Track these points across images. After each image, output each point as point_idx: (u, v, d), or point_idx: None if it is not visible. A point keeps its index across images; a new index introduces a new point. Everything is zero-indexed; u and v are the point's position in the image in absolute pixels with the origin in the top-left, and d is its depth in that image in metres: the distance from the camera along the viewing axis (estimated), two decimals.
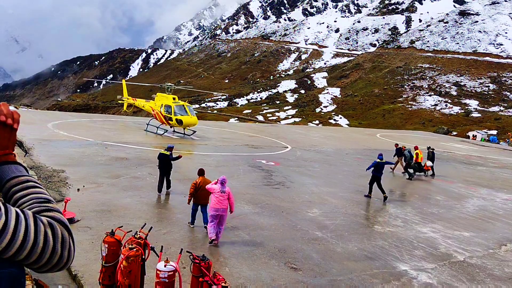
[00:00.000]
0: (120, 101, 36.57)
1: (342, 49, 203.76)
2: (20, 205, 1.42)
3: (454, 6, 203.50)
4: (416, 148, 22.33)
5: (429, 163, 22.26)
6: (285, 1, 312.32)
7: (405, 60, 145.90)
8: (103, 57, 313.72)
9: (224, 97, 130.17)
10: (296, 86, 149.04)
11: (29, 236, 1.28)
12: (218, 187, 9.63)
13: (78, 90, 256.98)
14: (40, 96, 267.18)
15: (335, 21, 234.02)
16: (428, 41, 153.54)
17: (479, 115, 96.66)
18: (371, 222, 12.42)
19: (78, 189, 12.21)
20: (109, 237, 6.62)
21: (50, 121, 27.73)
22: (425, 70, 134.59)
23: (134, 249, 6.27)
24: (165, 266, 6.04)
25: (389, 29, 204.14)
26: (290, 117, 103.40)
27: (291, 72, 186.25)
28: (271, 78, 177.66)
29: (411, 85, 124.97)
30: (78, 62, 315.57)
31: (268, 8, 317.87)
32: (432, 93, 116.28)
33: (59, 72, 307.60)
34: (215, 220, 9.29)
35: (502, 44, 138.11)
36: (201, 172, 11.04)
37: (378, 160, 15.88)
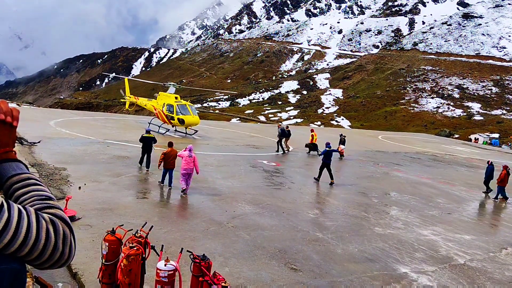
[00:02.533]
0: (122, 100, 36.62)
1: (345, 50, 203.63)
2: (22, 202, 1.42)
3: (458, 8, 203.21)
4: (312, 130, 27.80)
5: (342, 146, 25.63)
6: (289, 2, 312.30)
7: (407, 62, 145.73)
8: (106, 56, 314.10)
9: (227, 97, 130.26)
10: (298, 86, 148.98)
11: (31, 232, 1.29)
12: (186, 153, 13.17)
13: (81, 88, 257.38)
14: (42, 94, 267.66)
15: (338, 22, 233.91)
16: (431, 44, 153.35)
17: (482, 118, 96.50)
18: (372, 224, 12.40)
19: (80, 187, 12.23)
20: (109, 236, 6.62)
21: (53, 118, 27.78)
22: (428, 72, 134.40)
23: (135, 248, 6.27)
24: (165, 265, 6.04)
25: (392, 31, 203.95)
26: (292, 117, 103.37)
27: (293, 72, 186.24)
28: (274, 78, 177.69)
29: (414, 87, 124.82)
30: (81, 60, 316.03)
31: (271, 9, 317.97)
32: (435, 96, 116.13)
33: (62, 70, 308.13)
34: (184, 177, 12.99)
35: (505, 47, 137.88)
36: (170, 144, 14.27)
37: (327, 149, 18.10)
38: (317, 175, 17.72)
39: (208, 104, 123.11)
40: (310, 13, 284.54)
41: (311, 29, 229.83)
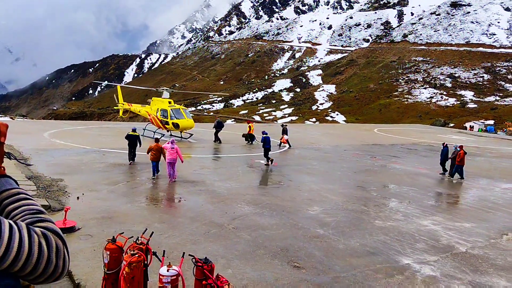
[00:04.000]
0: (115, 107, 36.51)
1: (335, 45, 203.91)
2: (13, 217, 1.41)
3: None
4: (248, 122, 30.70)
5: (286, 137, 26.80)
6: (277, 0, 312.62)
7: (398, 54, 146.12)
8: (97, 64, 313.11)
9: (220, 98, 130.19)
10: (291, 84, 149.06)
11: (23, 247, 1.28)
12: (169, 146, 15.56)
13: (74, 98, 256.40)
14: (35, 106, 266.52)
15: (327, 18, 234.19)
16: (420, 34, 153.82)
17: (475, 105, 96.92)
18: (372, 217, 12.42)
19: (78, 197, 12.19)
20: (110, 244, 6.60)
21: (47, 130, 27.67)
22: (419, 63, 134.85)
23: (136, 255, 6.26)
24: (167, 270, 6.03)
25: (382, 24, 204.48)
26: (286, 116, 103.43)
27: (285, 71, 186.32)
28: (266, 77, 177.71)
29: (406, 78, 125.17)
30: (73, 70, 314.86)
31: (260, 8, 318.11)
32: (427, 86, 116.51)
33: (53, 81, 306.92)
34: (170, 166, 15.37)
35: (495, 34, 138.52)
36: (156, 140, 16.90)
37: (264, 135, 20.92)
38: (266, 161, 20.20)
39: (202, 106, 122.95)
40: (298, 10, 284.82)
41: (301, 26, 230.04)
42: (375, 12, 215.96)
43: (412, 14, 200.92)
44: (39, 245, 1.31)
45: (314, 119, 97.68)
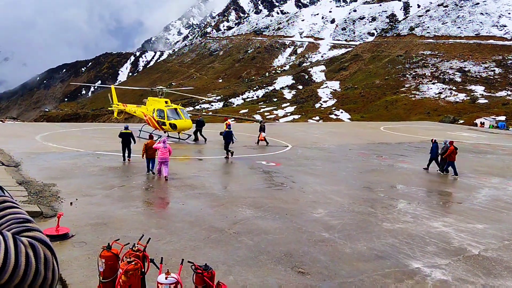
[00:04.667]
0: (110, 108, 36.55)
1: (339, 40, 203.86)
2: None
3: None
4: (225, 119, 30.72)
5: (263, 134, 27.29)
6: None
7: (405, 48, 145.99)
8: (90, 63, 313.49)
9: (219, 97, 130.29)
10: (293, 81, 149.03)
11: (9, 258, 1.26)
12: (161, 145, 16.39)
13: (66, 99, 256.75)
14: (26, 108, 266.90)
15: (330, 12, 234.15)
16: (428, 27, 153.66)
17: (486, 101, 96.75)
18: (379, 220, 12.41)
19: (71, 203, 12.18)
20: (105, 252, 6.59)
21: (38, 133, 27.69)
22: (427, 57, 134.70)
23: (133, 263, 6.25)
24: (166, 278, 6.02)
25: (387, 17, 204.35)
26: (289, 114, 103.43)
27: (287, 67, 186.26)
28: (267, 75, 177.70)
29: (413, 73, 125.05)
30: (64, 70, 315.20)
31: (259, 2, 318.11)
32: (436, 81, 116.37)
33: (45, 81, 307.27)
34: (161, 165, 16.26)
35: (505, 26, 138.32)
36: (151, 137, 18.29)
37: (227, 130, 22.15)
38: (226, 154, 21.70)
39: (200, 106, 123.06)
40: (300, 3, 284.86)
41: (302, 20, 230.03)
42: (380, 5, 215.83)
43: (418, 6, 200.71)
44: (26, 256, 1.29)
45: (317, 118, 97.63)
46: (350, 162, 22.82)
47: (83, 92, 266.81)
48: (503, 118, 74.22)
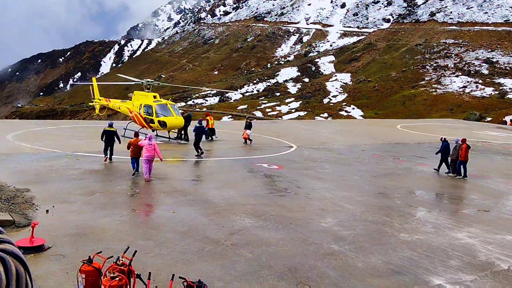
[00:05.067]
0: (91, 104, 36.56)
1: (350, 27, 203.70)
2: None
3: None
4: (207, 115, 32.02)
5: (248, 131, 27.84)
6: None
7: (425, 36, 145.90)
8: (68, 53, 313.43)
9: (215, 91, 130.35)
10: (299, 74, 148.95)
11: None
12: (146, 142, 16.93)
13: (41, 93, 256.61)
14: None
15: None
16: (451, 12, 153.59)
17: None
18: (396, 230, 12.40)
19: (47, 211, 12.18)
20: (86, 266, 6.59)
21: (10, 131, 27.68)
22: (450, 46, 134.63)
23: (117, 278, 6.25)
24: None
25: (405, 1, 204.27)
26: (293, 111, 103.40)
27: (291, 58, 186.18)
28: (269, 66, 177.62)
29: (434, 65, 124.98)
30: (40, 60, 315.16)
31: None
32: (460, 73, 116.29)
33: (17, 73, 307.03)
34: (147, 164, 16.68)
35: None
36: (136, 135, 18.67)
37: (199, 125, 23.28)
38: (197, 152, 22.28)
39: (193, 101, 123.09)
40: None
41: (309, 5, 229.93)
42: None
43: None
44: None
45: (326, 114, 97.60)
46: (362, 164, 22.80)
47: (61, 85, 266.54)
48: None
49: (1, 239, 1.40)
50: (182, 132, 28.14)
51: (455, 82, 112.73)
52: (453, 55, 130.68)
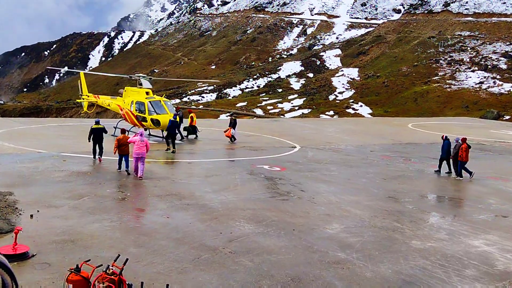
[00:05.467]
0: (78, 100, 36.56)
1: (358, 18, 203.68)
2: None
3: None
4: (190, 111, 34.17)
5: (232, 130, 28.26)
6: None
7: (438, 28, 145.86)
8: (54, 46, 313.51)
9: (212, 87, 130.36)
10: (302, 68, 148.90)
11: None
12: (138, 138, 17.64)
13: (25, 89, 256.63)
14: None
15: None
16: (466, 2, 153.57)
17: None
18: (407, 237, 12.40)
19: (32, 215, 12.18)
20: (73, 275, 6.60)
21: None
22: (465, 39, 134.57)
23: None
24: None
25: None
26: (296, 108, 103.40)
27: (294, 51, 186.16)
28: (270, 60, 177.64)
29: (448, 59, 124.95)
30: (23, 54, 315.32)
31: None
32: (476, 68, 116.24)
33: None
34: (137, 162, 17.42)
35: None
36: (123, 131, 19.34)
37: (173, 120, 24.14)
38: (168, 145, 23.39)
39: (189, 98, 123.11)
40: None
41: None
42: None
43: None
44: None
45: (331, 112, 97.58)
46: (371, 166, 22.79)
47: (46, 80, 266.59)
48: None
49: None
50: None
51: (471, 77, 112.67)
52: (468, 48, 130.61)
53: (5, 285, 1.33)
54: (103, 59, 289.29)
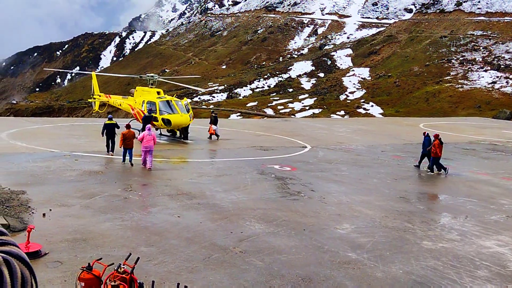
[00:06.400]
0: (90, 100, 36.79)
1: (369, 18, 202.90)
2: None
3: None
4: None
5: (214, 127, 28.35)
6: None
7: (450, 28, 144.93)
8: (66, 46, 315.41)
9: (222, 87, 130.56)
10: (313, 68, 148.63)
11: None
12: (147, 133, 19.12)
13: (38, 89, 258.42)
14: None
15: None
16: (479, 2, 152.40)
17: None
18: (418, 237, 12.34)
19: (44, 214, 12.27)
20: (85, 273, 6.64)
21: (4, 130, 27.94)
22: (478, 38, 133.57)
23: (118, 287, 6.28)
24: None
25: None
26: (307, 108, 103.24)
27: (305, 51, 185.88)
28: (281, 60, 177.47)
29: (461, 58, 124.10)
30: (36, 54, 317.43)
31: None
32: (488, 68, 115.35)
33: (12, 67, 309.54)
34: (145, 154, 18.77)
35: None
36: (128, 126, 20.35)
37: (147, 115, 25.23)
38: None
39: (199, 98, 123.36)
40: None
41: None
42: None
43: None
44: (0, 274, 1.30)
45: (342, 112, 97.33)
46: (382, 166, 22.71)
47: (58, 80, 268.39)
48: None
49: (5, 241, 1.43)
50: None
51: (483, 77, 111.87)
52: (481, 48, 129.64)
53: (25, 280, 1.35)
54: (115, 59, 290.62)
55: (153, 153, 19.13)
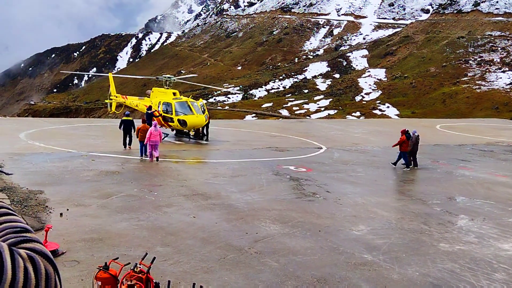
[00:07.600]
0: (107, 101, 37.11)
1: (385, 18, 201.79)
2: None
3: None
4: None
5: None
6: None
7: (468, 28, 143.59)
8: (84, 47, 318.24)
9: (238, 88, 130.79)
10: (329, 69, 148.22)
11: (5, 273, 1.28)
12: (153, 128, 20.63)
13: (55, 90, 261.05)
14: (8, 100, 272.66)
15: None
16: (497, 2, 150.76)
17: None
18: (435, 239, 12.24)
19: (61, 214, 12.40)
20: (102, 273, 6.69)
21: (23, 130, 28.30)
22: (496, 39, 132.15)
23: (134, 286, 6.32)
24: None
25: None
26: (322, 109, 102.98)
27: (321, 51, 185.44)
28: (296, 60, 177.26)
29: (478, 59, 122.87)
30: (54, 55, 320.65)
31: None
32: (506, 69, 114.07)
33: (30, 68, 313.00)
34: (151, 149, 20.48)
35: None
36: (144, 121, 23.43)
37: (148, 111, 26.65)
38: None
39: (214, 99, 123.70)
40: None
41: None
42: None
43: None
44: (25, 271, 1.32)
45: (358, 113, 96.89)
46: (398, 168, 22.60)
47: (75, 81, 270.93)
48: None
49: (30, 238, 1.44)
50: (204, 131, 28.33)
51: (501, 78, 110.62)
52: (499, 48, 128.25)
53: (48, 275, 1.36)
54: (131, 60, 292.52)
55: (158, 147, 20.94)
